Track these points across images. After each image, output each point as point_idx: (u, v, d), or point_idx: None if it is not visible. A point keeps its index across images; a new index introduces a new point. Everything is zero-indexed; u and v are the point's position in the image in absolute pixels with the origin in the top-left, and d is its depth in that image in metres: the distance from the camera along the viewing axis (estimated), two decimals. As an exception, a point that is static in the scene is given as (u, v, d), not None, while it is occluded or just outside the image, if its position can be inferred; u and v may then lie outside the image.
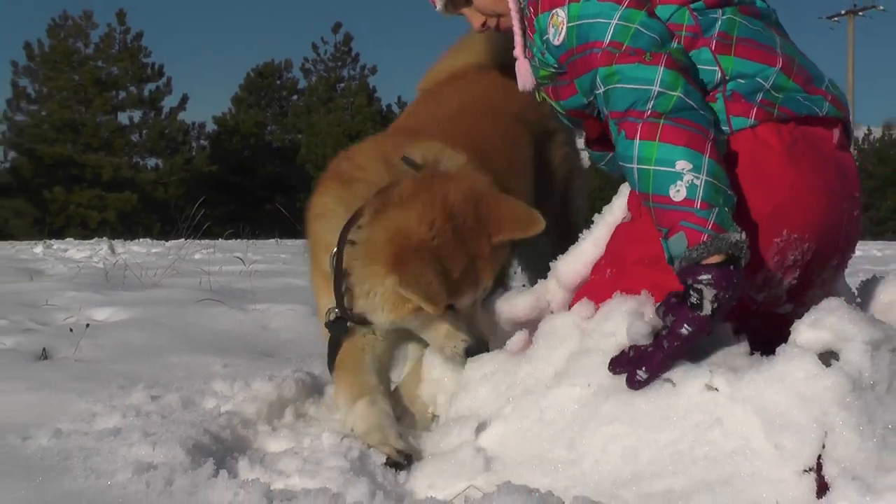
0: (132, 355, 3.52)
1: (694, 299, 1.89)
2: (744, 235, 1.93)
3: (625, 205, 2.25)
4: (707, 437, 1.78)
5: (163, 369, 3.26)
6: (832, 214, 2.16)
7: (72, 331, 3.76)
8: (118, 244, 13.73)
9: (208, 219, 9.55)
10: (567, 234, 2.73)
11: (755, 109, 2.14)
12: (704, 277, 1.89)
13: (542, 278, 2.38)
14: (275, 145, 43.91)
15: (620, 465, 1.83)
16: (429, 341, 2.42)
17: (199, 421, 2.36)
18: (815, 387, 1.75)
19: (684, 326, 1.88)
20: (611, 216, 2.28)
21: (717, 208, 1.93)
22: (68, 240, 16.28)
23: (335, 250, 2.34)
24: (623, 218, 2.25)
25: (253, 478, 1.98)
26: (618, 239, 2.22)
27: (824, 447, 1.72)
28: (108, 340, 3.78)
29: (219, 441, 2.24)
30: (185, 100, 40.91)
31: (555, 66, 2.35)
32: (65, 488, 1.91)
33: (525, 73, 2.51)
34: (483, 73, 3.05)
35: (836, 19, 43.61)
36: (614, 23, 2.11)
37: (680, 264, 1.94)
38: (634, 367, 1.90)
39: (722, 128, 2.13)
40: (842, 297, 1.97)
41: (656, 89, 2.01)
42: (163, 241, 15.55)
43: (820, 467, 1.71)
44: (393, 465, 2.07)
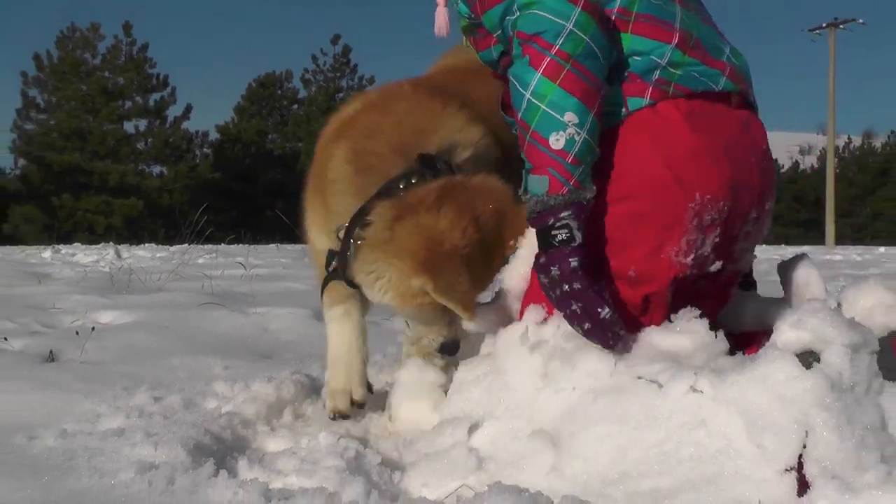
0: (136, 357, 3.56)
1: (563, 235, 2.01)
2: (595, 190, 2.05)
3: None
4: (692, 438, 1.82)
5: (166, 371, 3.31)
6: (742, 170, 2.21)
7: (78, 333, 3.81)
8: (124, 249, 13.80)
9: (211, 224, 9.63)
10: None
11: (650, 89, 2.17)
12: (566, 213, 2.01)
13: None
14: (276, 153, 44.07)
15: (608, 464, 1.86)
16: (411, 329, 2.51)
17: (200, 421, 2.40)
18: (796, 388, 1.79)
19: (569, 261, 2.00)
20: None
21: (583, 166, 2.03)
22: (76, 245, 16.34)
23: (344, 226, 2.35)
24: None
25: (252, 477, 2.01)
26: None
27: (805, 447, 1.74)
28: (113, 343, 3.84)
29: (219, 441, 2.28)
30: (189, 109, 41.25)
31: (468, 15, 2.36)
32: (70, 487, 1.94)
33: (440, 19, 2.54)
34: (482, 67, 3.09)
35: (818, 32, 43.90)
36: None
37: (535, 205, 2.04)
38: (586, 316, 2.00)
39: (619, 110, 2.17)
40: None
41: (569, 27, 2.02)
42: (167, 246, 15.61)
43: (801, 466, 1.74)
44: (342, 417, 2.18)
